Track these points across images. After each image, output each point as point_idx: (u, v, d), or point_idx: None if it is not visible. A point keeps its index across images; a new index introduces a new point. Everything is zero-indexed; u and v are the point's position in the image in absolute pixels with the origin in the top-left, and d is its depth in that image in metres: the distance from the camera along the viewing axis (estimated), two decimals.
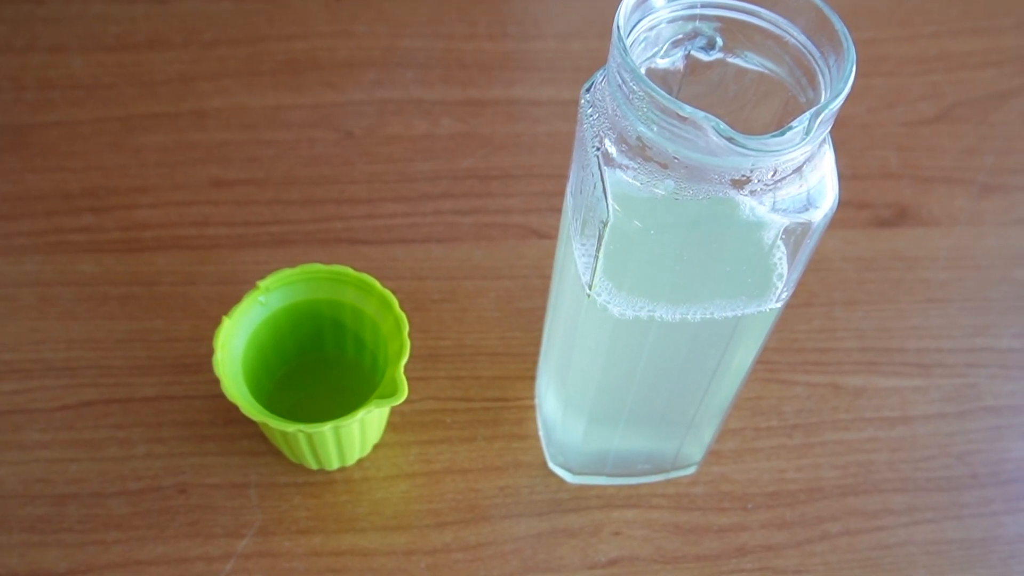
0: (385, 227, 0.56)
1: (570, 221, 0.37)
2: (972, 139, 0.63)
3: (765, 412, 0.51)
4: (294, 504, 0.47)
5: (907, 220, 0.59)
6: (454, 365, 0.51)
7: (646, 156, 0.31)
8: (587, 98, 0.33)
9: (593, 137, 0.33)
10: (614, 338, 0.37)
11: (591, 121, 0.33)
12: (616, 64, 0.30)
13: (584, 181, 0.34)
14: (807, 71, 0.32)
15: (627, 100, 0.30)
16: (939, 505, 0.48)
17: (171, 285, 0.53)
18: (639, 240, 0.32)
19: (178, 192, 0.57)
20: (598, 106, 0.33)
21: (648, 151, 0.31)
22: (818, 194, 0.33)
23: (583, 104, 0.34)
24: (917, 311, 0.55)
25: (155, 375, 0.50)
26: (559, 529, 0.47)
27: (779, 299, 0.36)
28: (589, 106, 0.33)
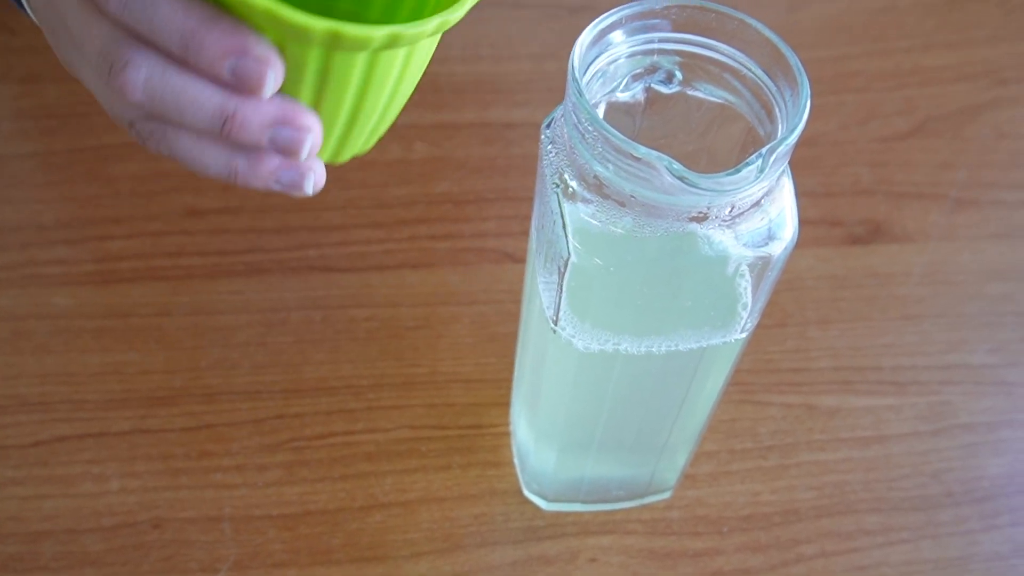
0: (359, 254, 0.56)
1: (535, 254, 0.37)
2: (946, 154, 0.63)
3: (740, 434, 0.51)
4: (269, 537, 0.46)
5: (881, 237, 0.59)
6: (429, 393, 0.51)
7: (604, 194, 0.31)
8: (547, 134, 0.34)
9: (553, 173, 0.33)
10: (580, 371, 0.37)
11: (550, 158, 0.33)
12: (571, 103, 0.30)
13: (545, 216, 0.34)
14: (764, 104, 0.33)
15: (583, 139, 0.30)
16: (914, 525, 0.48)
17: (145, 317, 0.53)
18: (600, 277, 0.32)
19: (152, 222, 0.57)
20: (557, 142, 0.33)
21: (606, 189, 0.31)
22: (779, 226, 0.33)
23: (543, 140, 0.34)
24: (891, 328, 0.55)
25: (129, 408, 0.50)
26: (535, 557, 0.47)
27: (744, 329, 0.36)
28: (549, 142, 0.33)
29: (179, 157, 0.29)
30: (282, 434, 0.49)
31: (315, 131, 0.28)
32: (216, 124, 0.27)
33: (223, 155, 0.28)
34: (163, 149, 0.29)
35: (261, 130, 0.27)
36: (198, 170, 0.29)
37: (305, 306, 0.54)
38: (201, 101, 0.27)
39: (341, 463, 0.49)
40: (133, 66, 0.26)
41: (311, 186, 0.30)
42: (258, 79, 0.26)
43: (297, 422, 0.50)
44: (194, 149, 0.28)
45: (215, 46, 0.26)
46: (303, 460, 0.49)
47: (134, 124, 0.29)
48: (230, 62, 0.26)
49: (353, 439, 0.50)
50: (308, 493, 0.48)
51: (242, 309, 0.53)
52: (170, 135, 0.28)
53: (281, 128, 0.27)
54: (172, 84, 0.26)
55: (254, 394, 0.51)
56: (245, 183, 0.29)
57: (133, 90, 0.26)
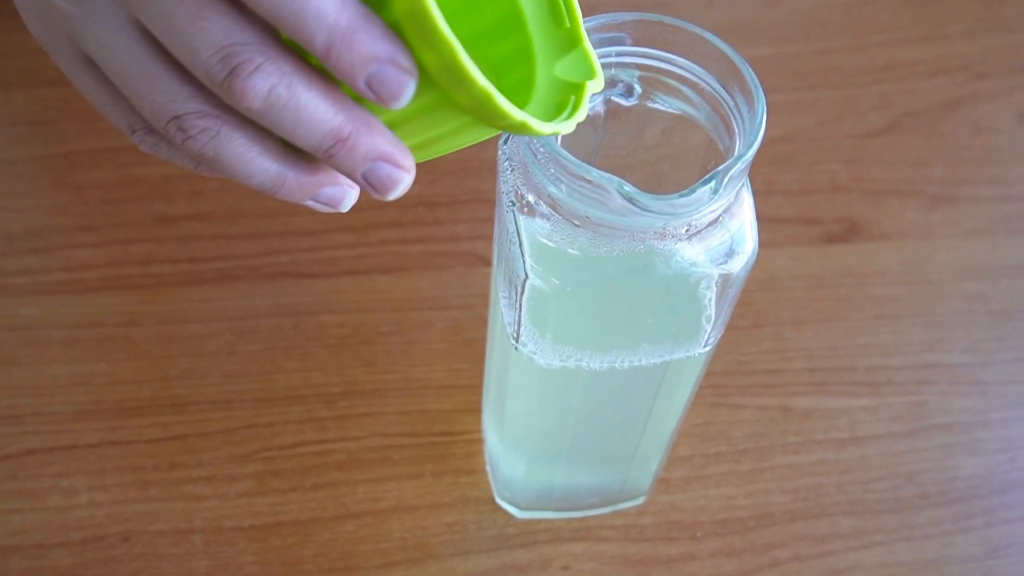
0: (330, 259, 0.56)
1: (496, 269, 0.37)
2: (922, 150, 0.63)
3: (714, 438, 0.51)
4: (240, 549, 0.46)
5: (857, 235, 0.59)
6: (401, 400, 0.51)
7: (560, 213, 0.31)
8: (504, 150, 0.33)
9: (509, 191, 0.32)
10: (543, 386, 0.37)
11: (507, 175, 0.32)
12: None
13: (503, 234, 0.33)
14: (723, 118, 0.32)
15: (535, 159, 0.30)
16: (889, 527, 0.48)
17: (114, 326, 0.52)
18: (559, 296, 0.32)
19: (121, 230, 0.56)
20: (514, 159, 0.32)
21: (560, 208, 0.30)
22: (739, 241, 0.33)
23: (500, 156, 0.33)
24: (867, 328, 0.55)
25: (98, 420, 0.49)
26: (507, 565, 0.46)
27: (707, 344, 0.36)
28: (506, 159, 0.33)
29: (222, 161, 0.26)
30: (253, 444, 0.49)
31: (411, 175, 0.27)
32: (325, 144, 0.25)
33: (275, 165, 0.27)
34: (207, 150, 0.26)
35: (364, 161, 0.26)
36: (238, 176, 0.27)
37: (276, 313, 0.53)
38: (318, 118, 0.25)
39: (313, 472, 0.49)
40: (263, 73, 0.24)
41: (350, 204, 0.29)
42: (397, 90, 0.24)
43: (268, 431, 0.50)
44: (246, 155, 0.26)
45: (363, 48, 0.24)
46: (274, 470, 0.48)
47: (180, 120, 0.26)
48: (372, 68, 0.24)
49: (325, 448, 0.49)
50: (279, 504, 0.48)
51: (212, 317, 0.53)
52: (224, 136, 0.26)
53: (382, 164, 0.26)
54: (296, 98, 0.25)
55: (225, 403, 0.50)
56: (284, 196, 0.28)
57: (253, 98, 0.24)
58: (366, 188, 0.27)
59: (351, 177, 0.27)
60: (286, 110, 0.25)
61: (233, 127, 0.26)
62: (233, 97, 0.25)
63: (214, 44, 0.24)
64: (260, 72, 0.24)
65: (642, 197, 0.27)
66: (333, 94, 0.25)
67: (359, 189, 0.28)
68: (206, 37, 0.24)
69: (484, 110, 0.25)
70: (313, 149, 0.26)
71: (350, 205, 0.29)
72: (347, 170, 0.26)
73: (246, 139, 0.26)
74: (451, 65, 0.24)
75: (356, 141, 0.26)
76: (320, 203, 0.28)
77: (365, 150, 0.26)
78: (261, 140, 0.26)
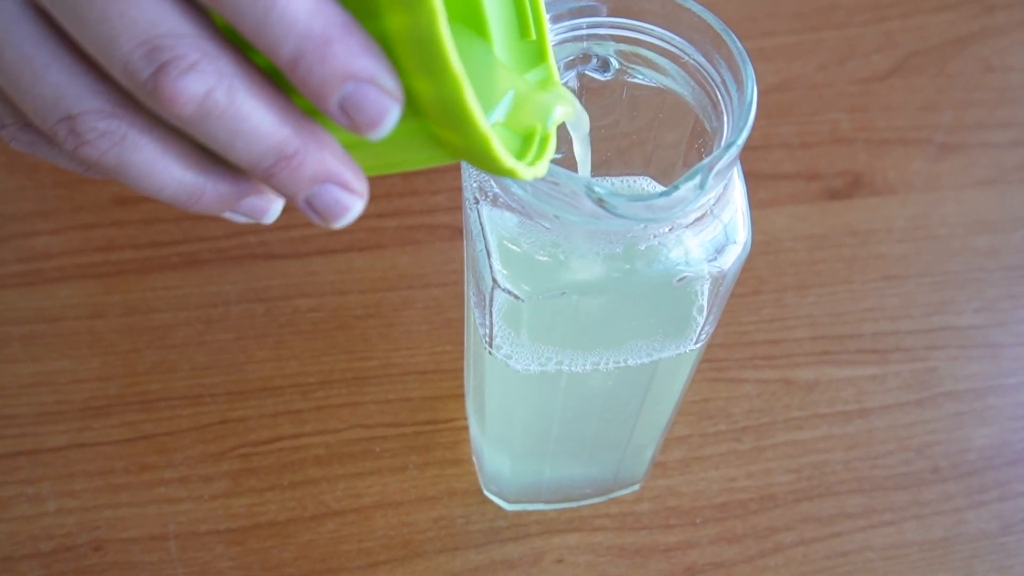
0: (302, 238, 0.52)
1: (466, 265, 0.34)
2: (929, 93, 0.59)
3: (713, 415, 0.48)
4: (217, 554, 0.44)
5: (861, 190, 0.55)
6: (382, 388, 0.48)
7: (528, 213, 0.27)
8: None
9: (473, 187, 0.29)
10: (522, 390, 0.34)
11: (470, 170, 0.29)
12: None
13: (469, 235, 0.30)
14: (709, 96, 0.29)
15: None
16: (898, 505, 0.46)
17: (76, 320, 0.50)
18: (532, 302, 0.29)
19: (80, 214, 0.53)
20: None
21: (528, 209, 0.27)
22: (732, 230, 0.29)
23: None
24: (872, 291, 0.52)
25: (64, 421, 0.47)
26: (498, 561, 0.44)
27: (699, 340, 0.33)
28: None
29: (126, 172, 0.22)
30: (227, 441, 0.47)
31: (364, 201, 0.23)
32: (265, 162, 0.21)
33: (190, 176, 0.23)
34: (107, 159, 0.22)
35: (311, 183, 0.22)
36: (143, 188, 0.23)
37: (246, 298, 0.50)
38: (261, 131, 0.21)
39: (290, 469, 0.46)
40: (198, 73, 0.20)
41: (275, 216, 0.24)
42: (376, 116, 0.20)
43: (242, 427, 0.47)
44: (156, 165, 0.22)
45: (339, 61, 0.20)
46: (250, 468, 0.46)
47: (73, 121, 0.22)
48: (348, 87, 0.20)
49: (302, 442, 0.47)
50: (256, 504, 0.45)
51: (179, 306, 0.50)
52: (130, 143, 0.22)
53: (330, 187, 0.22)
54: (237, 105, 0.21)
55: (195, 398, 0.48)
56: (199, 209, 0.23)
57: (185, 103, 0.20)
58: (307, 213, 0.23)
59: (290, 200, 0.23)
60: (223, 119, 0.21)
61: (142, 131, 0.22)
62: (158, 100, 0.20)
63: (139, 34, 0.20)
64: (195, 72, 0.20)
65: (614, 200, 0.24)
66: (280, 101, 0.21)
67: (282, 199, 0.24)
68: (128, 25, 0.20)
69: (474, 153, 0.21)
70: (249, 166, 0.22)
71: (275, 217, 0.24)
72: (288, 192, 0.22)
73: (157, 146, 0.22)
74: (452, 102, 0.20)
75: (303, 160, 0.22)
76: (239, 215, 0.24)
77: (312, 171, 0.22)
78: (175, 146, 0.22)
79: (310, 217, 0.23)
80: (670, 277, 0.28)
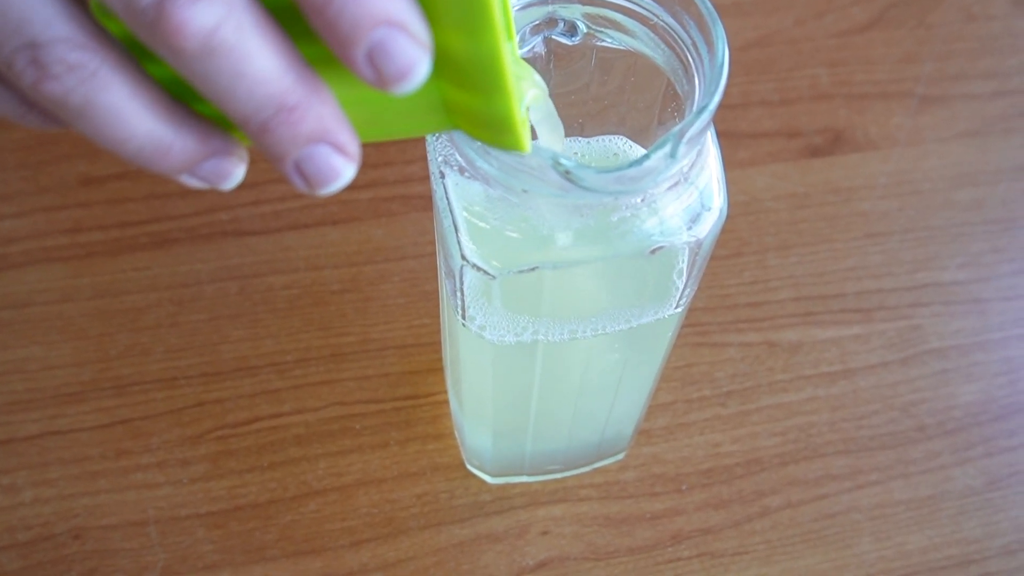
0: (274, 213, 0.51)
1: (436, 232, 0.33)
2: (909, 44, 0.58)
3: (697, 380, 0.47)
4: (198, 538, 0.43)
5: (842, 146, 0.54)
6: (360, 364, 0.48)
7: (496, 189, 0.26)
8: None
9: (438, 160, 0.28)
10: (498, 362, 0.33)
11: (434, 144, 0.28)
12: None
13: (437, 211, 0.29)
14: (680, 59, 0.28)
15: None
16: (884, 464, 0.46)
17: (45, 305, 0.49)
18: (504, 278, 0.28)
19: (44, 196, 0.51)
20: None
21: (497, 184, 0.26)
22: (708, 197, 0.29)
23: None
24: (855, 249, 0.51)
25: (36, 409, 0.46)
26: (483, 535, 0.44)
27: (680, 304, 0.32)
28: None
29: (90, 115, 0.20)
30: (204, 423, 0.46)
31: (355, 167, 0.21)
32: (263, 113, 0.20)
33: (160, 128, 0.21)
34: (73, 98, 0.20)
35: (306, 141, 0.20)
36: (106, 136, 0.21)
37: (219, 277, 0.49)
38: (264, 76, 0.19)
39: (269, 450, 0.45)
40: (208, 3, 0.18)
41: (235, 183, 0.23)
42: (405, 68, 0.19)
43: (219, 408, 0.46)
44: (125, 109, 0.20)
45: (375, 3, 0.18)
46: (229, 450, 0.45)
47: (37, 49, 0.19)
48: (381, 32, 0.18)
49: (281, 422, 0.46)
50: (237, 486, 0.45)
51: (150, 287, 0.49)
52: (101, 80, 0.20)
53: (323, 149, 0.20)
54: (244, 43, 0.19)
55: (170, 381, 0.47)
56: (159, 168, 0.21)
57: (190, 36, 0.18)
58: (292, 178, 0.21)
59: (276, 162, 0.21)
60: (228, 59, 0.19)
61: (114, 69, 0.20)
62: (160, 30, 0.18)
63: None
64: (204, 1, 0.18)
65: (581, 173, 0.23)
66: (286, 46, 0.20)
67: (246, 163, 0.23)
68: None
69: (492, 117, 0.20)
70: (244, 117, 0.20)
71: (235, 183, 0.23)
72: (278, 151, 0.20)
73: (129, 88, 0.20)
74: (487, 58, 0.18)
75: (303, 114, 0.20)
76: (197, 178, 0.22)
77: (310, 127, 0.20)
78: (146, 90, 0.20)
79: (294, 183, 0.21)
80: (645, 248, 0.27)
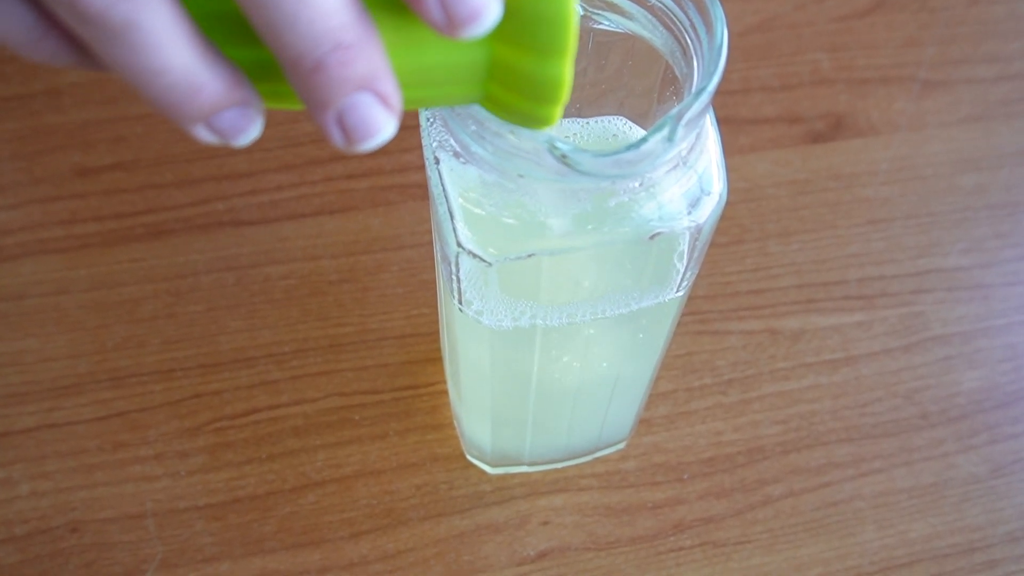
0: (271, 203, 0.51)
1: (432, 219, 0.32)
2: (911, 28, 0.57)
3: (698, 369, 0.47)
4: (196, 530, 0.43)
5: (843, 132, 0.54)
6: (358, 354, 0.47)
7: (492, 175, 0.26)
8: None
9: (432, 145, 0.27)
10: (496, 348, 0.33)
11: (428, 129, 0.27)
12: None
13: (432, 198, 0.29)
14: (678, 40, 0.27)
15: (453, 115, 0.25)
16: (887, 452, 0.45)
17: (40, 297, 0.48)
18: (501, 264, 0.27)
19: (39, 187, 0.51)
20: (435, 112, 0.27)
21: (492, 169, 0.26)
22: (708, 181, 0.28)
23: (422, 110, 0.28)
24: (857, 236, 0.51)
25: (33, 402, 0.46)
26: (483, 525, 0.43)
27: (681, 288, 0.32)
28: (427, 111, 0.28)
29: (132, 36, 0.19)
30: (201, 415, 0.46)
31: (397, 124, 0.20)
32: (321, 48, 0.19)
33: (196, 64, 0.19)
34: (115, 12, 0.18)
35: (355, 85, 0.19)
36: (141, 68, 0.19)
37: (215, 268, 0.49)
38: (327, 9, 0.18)
39: (268, 441, 0.45)
40: None
41: (250, 139, 0.21)
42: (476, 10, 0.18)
43: (216, 400, 0.46)
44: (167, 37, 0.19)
45: None
46: (226, 442, 0.45)
47: None
48: None
49: (279, 413, 0.46)
50: (235, 478, 0.44)
51: (146, 278, 0.49)
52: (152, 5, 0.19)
53: (369, 97, 0.20)
54: None
55: (167, 373, 0.46)
56: (184, 111, 0.20)
57: None
58: (330, 130, 0.20)
59: (319, 109, 0.20)
60: None
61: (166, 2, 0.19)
62: None
63: None
64: None
65: (578, 157, 0.22)
66: None
67: (263, 119, 0.21)
68: None
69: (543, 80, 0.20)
70: (298, 53, 0.19)
71: (250, 140, 0.21)
72: (325, 95, 0.19)
73: (171, 13, 0.19)
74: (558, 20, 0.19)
75: (356, 54, 0.19)
76: (212, 130, 0.21)
77: (361, 71, 0.19)
78: (187, 21, 0.19)
79: (332, 137, 0.20)
80: (644, 234, 0.27)
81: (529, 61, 0.20)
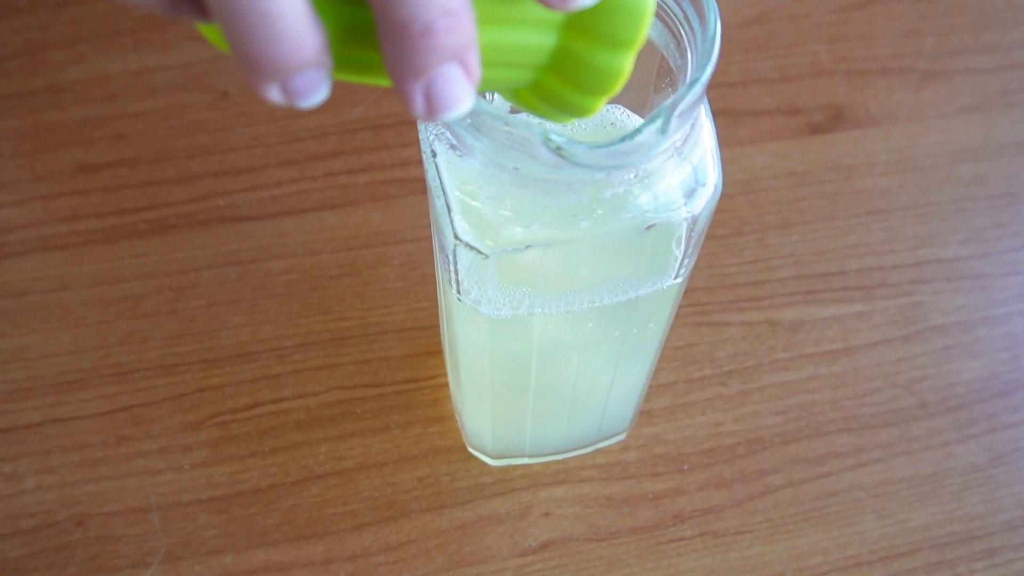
0: (271, 198, 0.51)
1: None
2: (910, 19, 0.57)
3: (698, 360, 0.47)
4: (200, 523, 0.43)
5: (842, 123, 0.54)
6: (360, 348, 0.47)
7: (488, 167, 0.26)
8: None
9: (429, 138, 0.28)
10: (494, 338, 0.33)
11: (427, 123, 0.28)
12: None
13: (429, 191, 0.29)
14: (672, 32, 0.27)
15: None
16: (886, 442, 0.45)
17: (43, 293, 0.48)
18: (497, 256, 0.28)
19: (41, 184, 0.51)
20: None
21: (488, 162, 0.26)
22: (703, 172, 0.28)
23: None
24: (856, 227, 0.51)
25: (37, 397, 0.46)
26: (484, 517, 0.44)
27: (679, 275, 0.32)
28: None
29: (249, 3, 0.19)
30: (204, 409, 0.46)
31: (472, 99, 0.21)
32: (432, 11, 0.19)
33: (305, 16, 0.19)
34: None
35: (452, 54, 0.20)
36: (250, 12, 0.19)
37: (217, 263, 0.49)
38: None
39: (271, 435, 0.45)
40: None
41: (319, 101, 0.21)
42: None
43: (219, 394, 0.46)
44: None
45: None
46: (230, 436, 0.45)
47: None
48: None
49: (281, 407, 0.46)
50: (238, 472, 0.45)
51: (148, 274, 0.49)
52: None
53: (456, 70, 0.20)
54: None
55: (170, 368, 0.47)
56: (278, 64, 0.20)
57: None
58: (415, 98, 0.20)
59: (412, 76, 0.20)
60: None
61: None
62: None
63: None
64: None
65: (573, 149, 0.23)
66: None
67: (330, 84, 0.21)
68: None
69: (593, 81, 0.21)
70: (409, 16, 0.19)
71: (317, 102, 0.21)
72: (422, 61, 0.20)
73: None
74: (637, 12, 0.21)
75: (458, 23, 0.19)
76: (286, 91, 0.21)
77: (459, 41, 0.20)
78: None
79: (414, 105, 0.21)
80: (639, 225, 0.27)
81: (597, 50, 0.21)
